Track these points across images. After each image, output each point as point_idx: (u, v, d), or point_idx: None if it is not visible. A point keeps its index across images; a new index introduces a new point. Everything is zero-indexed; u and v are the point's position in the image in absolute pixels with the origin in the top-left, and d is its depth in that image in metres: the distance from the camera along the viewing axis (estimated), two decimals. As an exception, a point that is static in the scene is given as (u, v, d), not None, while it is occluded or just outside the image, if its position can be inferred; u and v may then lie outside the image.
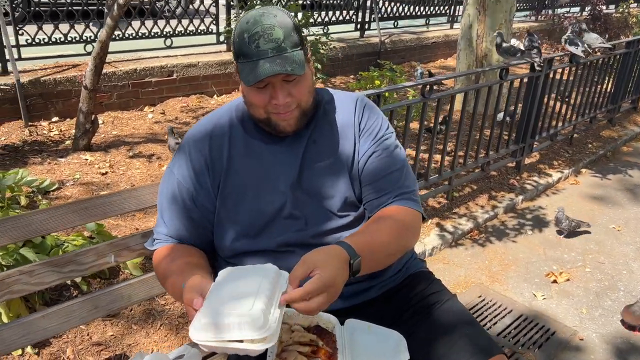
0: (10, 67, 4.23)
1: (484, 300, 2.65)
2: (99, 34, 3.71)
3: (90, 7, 4.96)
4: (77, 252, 1.41)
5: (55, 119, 4.40)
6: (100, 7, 4.96)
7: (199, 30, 5.61)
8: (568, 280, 2.87)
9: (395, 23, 7.61)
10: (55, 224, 1.36)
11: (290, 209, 1.29)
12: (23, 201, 2.79)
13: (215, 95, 5.38)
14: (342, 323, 1.26)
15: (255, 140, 1.33)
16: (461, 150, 3.55)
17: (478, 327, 1.31)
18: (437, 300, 1.37)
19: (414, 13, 7.91)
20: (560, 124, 4.42)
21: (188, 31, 5.54)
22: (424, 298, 1.38)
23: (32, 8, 4.63)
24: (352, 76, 6.50)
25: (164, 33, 5.36)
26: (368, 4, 7.02)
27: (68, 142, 3.97)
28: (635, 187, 4.17)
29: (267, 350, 1.14)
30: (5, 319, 1.93)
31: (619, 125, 5.48)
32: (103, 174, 3.48)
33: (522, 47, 3.77)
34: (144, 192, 1.51)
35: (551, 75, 3.92)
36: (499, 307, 2.61)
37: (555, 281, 2.85)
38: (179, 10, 5.63)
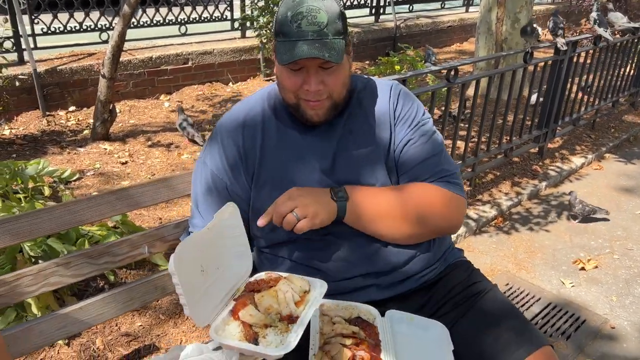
0: (26, 57, 4.22)
1: (511, 288, 2.61)
2: (116, 21, 3.67)
3: (104, -5, 4.94)
4: (110, 244, 1.39)
5: (72, 108, 4.40)
6: (114, -5, 4.93)
7: (213, 17, 5.56)
8: (596, 267, 2.82)
9: (410, 7, 7.49)
10: (90, 215, 1.34)
11: None
12: (46, 192, 2.78)
13: (230, 82, 5.34)
14: (382, 314, 1.24)
15: (289, 129, 1.30)
16: (484, 137, 3.48)
17: (522, 318, 1.28)
18: (479, 290, 1.34)
19: (428, -4, 7.79)
20: (582, 108, 4.33)
21: (202, 18, 5.49)
22: (465, 289, 1.35)
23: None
24: (367, 62, 6.41)
25: (179, 20, 5.31)
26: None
27: (86, 131, 3.97)
28: (660, 172, 4.08)
29: (308, 342, 1.13)
30: (35, 310, 1.93)
31: (642, 109, 5.37)
32: (123, 164, 3.47)
33: (539, 31, 3.67)
34: (176, 181, 1.49)
35: (575, 59, 3.83)
36: (527, 295, 2.57)
37: (583, 268, 2.80)
38: (192, -3, 5.58)
